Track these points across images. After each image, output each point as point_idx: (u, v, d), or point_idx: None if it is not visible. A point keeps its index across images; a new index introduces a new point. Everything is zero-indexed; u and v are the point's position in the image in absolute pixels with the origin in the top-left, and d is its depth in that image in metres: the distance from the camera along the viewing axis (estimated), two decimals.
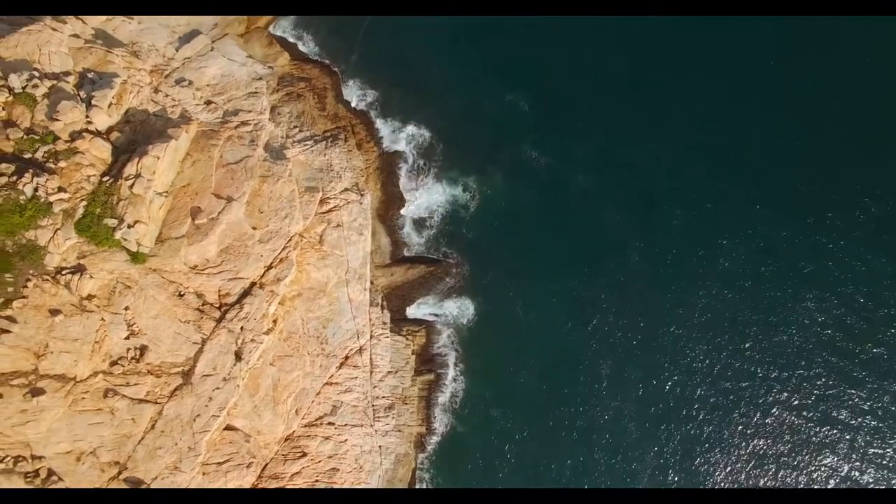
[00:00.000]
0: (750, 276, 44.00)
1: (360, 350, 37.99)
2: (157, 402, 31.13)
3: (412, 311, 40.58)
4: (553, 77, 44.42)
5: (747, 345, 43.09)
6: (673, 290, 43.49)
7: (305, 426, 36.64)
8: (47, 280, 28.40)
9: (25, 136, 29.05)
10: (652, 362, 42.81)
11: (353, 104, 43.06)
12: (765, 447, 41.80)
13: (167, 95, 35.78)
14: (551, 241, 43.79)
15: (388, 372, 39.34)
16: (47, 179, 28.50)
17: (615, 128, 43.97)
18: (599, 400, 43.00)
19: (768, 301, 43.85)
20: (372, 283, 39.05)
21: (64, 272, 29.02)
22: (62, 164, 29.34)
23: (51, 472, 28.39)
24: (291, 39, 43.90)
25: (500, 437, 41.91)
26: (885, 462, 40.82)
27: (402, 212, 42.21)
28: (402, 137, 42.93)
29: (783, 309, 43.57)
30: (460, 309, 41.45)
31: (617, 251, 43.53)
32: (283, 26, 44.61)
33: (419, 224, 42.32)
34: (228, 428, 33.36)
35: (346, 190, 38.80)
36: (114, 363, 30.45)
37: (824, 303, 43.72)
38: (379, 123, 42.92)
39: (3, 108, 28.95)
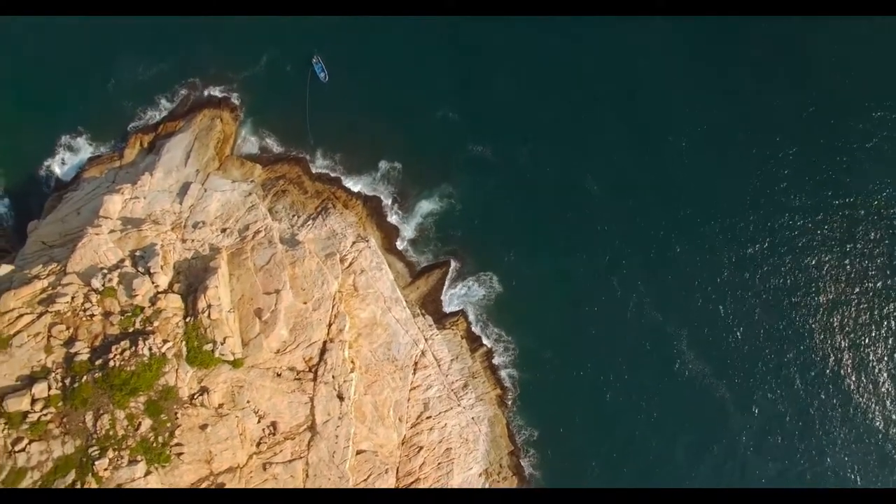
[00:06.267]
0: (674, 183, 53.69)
1: (423, 353, 46.85)
2: (301, 457, 39.99)
3: (446, 307, 49.55)
4: (466, 84, 53.22)
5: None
6: (632, 209, 52.88)
7: (411, 427, 45.57)
8: (188, 407, 37.23)
9: (122, 317, 37.90)
10: (653, 274, 52.20)
11: (325, 177, 51.75)
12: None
13: (193, 240, 44.64)
14: (526, 207, 52.75)
15: (451, 360, 48.25)
16: (153, 339, 37.31)
17: (532, 109, 53.18)
18: (621, 309, 52.12)
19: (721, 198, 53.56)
20: (406, 300, 47.95)
21: (195, 397, 37.83)
22: (156, 323, 38.16)
23: None
24: (255, 151, 52.42)
25: (559, 370, 50.94)
26: None
27: (401, 238, 51.12)
28: (374, 183, 51.71)
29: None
30: (482, 287, 50.36)
31: (578, 194, 52.56)
32: (241, 145, 52.93)
33: (418, 241, 51.24)
34: (359, 452, 42.25)
35: (354, 243, 47.68)
36: (258, 444, 39.33)
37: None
38: (351, 182, 51.57)
39: (98, 305, 37.85)
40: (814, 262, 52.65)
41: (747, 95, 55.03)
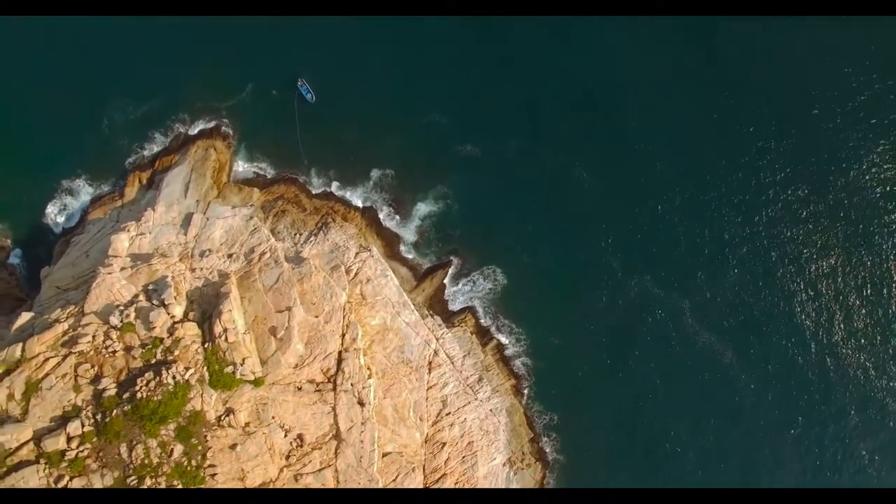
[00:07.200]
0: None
1: (436, 352, 48.19)
2: (330, 465, 41.36)
3: (453, 305, 50.91)
4: (451, 87, 54.38)
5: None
6: (625, 194, 54.49)
7: (433, 425, 46.93)
8: (216, 428, 38.57)
9: (143, 350, 39.24)
10: (651, 253, 53.92)
11: (322, 193, 52.99)
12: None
13: (202, 269, 45.89)
14: (521, 200, 54.08)
15: (464, 356, 49.61)
16: (175, 367, 38.64)
17: (521, 107, 54.64)
18: (624, 289, 53.64)
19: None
20: (414, 303, 49.29)
21: (222, 418, 39.17)
22: (176, 352, 39.49)
23: None
24: (251, 176, 53.62)
25: (570, 354, 52.36)
26: None
27: (402, 243, 52.45)
28: (370, 193, 52.98)
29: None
30: (487, 281, 51.73)
31: (569, 183, 53.89)
32: (237, 172, 54.18)
33: (419, 244, 52.56)
34: (385, 454, 43.60)
35: (357, 254, 49.01)
36: (287, 457, 40.70)
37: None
38: (348, 194, 52.84)
39: (119, 341, 39.19)
40: (811, 226, 54.17)
41: (743, 88, 56.24)
